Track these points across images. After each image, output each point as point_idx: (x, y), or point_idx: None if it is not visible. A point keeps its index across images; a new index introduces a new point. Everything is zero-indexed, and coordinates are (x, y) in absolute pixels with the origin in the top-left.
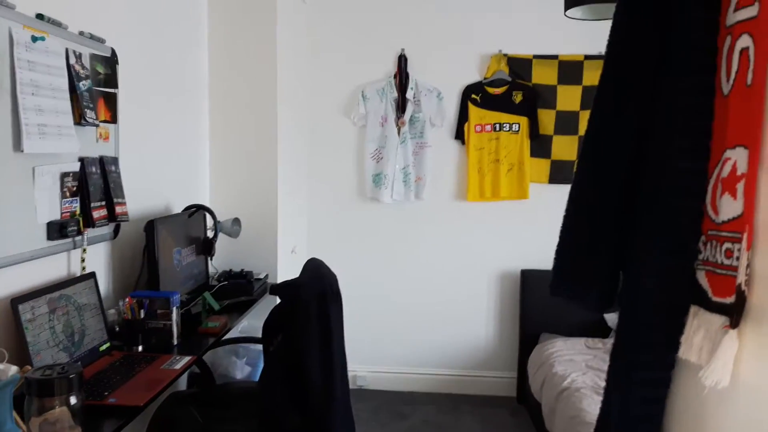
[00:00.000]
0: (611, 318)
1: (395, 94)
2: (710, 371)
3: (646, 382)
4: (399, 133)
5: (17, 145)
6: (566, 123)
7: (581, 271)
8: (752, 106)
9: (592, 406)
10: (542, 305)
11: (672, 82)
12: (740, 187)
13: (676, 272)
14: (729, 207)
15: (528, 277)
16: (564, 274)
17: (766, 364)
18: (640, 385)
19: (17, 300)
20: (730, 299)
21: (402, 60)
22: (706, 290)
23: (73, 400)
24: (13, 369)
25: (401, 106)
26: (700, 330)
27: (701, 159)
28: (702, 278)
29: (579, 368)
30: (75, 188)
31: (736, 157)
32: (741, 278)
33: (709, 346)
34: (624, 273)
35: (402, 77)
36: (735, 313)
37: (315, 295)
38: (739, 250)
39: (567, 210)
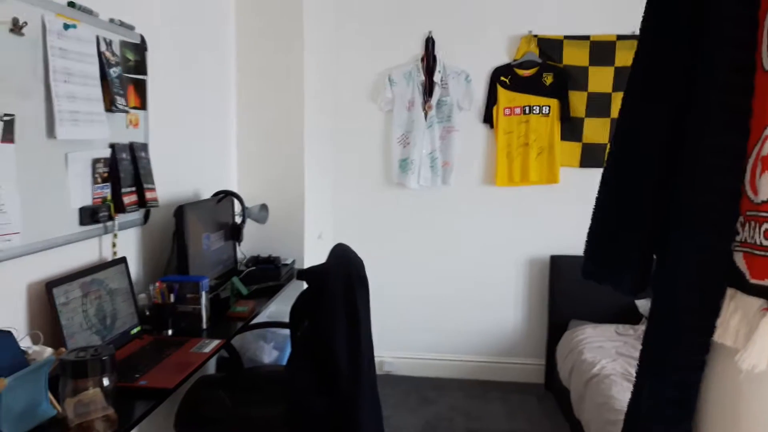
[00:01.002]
0: (642, 304)
1: (422, 78)
2: (747, 355)
3: (680, 366)
4: (426, 117)
5: (50, 131)
6: (598, 105)
7: (614, 255)
8: None
9: (621, 393)
10: (572, 291)
11: (710, 58)
12: None
13: (712, 254)
14: None
15: (557, 263)
16: (596, 257)
17: None
18: (673, 369)
19: (52, 284)
20: None
21: (429, 42)
22: (743, 272)
23: (105, 381)
24: (48, 351)
25: (428, 89)
26: (737, 313)
27: (740, 137)
28: (739, 260)
29: (609, 355)
30: (106, 174)
31: None
32: None
33: (746, 330)
34: (658, 256)
35: (429, 60)
36: None
37: (341, 280)
38: None
39: (599, 193)
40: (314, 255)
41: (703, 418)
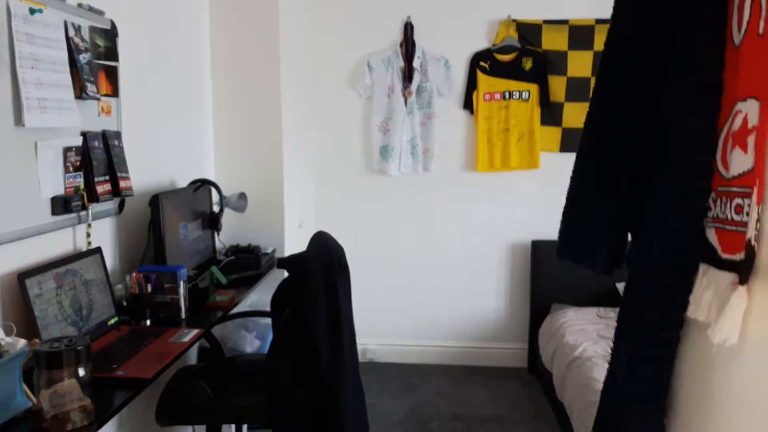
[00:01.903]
0: (623, 287)
1: (402, 64)
2: (718, 328)
3: (654, 343)
4: (406, 103)
5: (18, 119)
6: (577, 89)
7: (588, 234)
8: (764, 56)
9: (602, 375)
10: (553, 276)
11: (681, 36)
12: (751, 140)
13: (685, 230)
14: (739, 161)
15: (539, 247)
16: (571, 236)
17: None
18: (647, 346)
19: (24, 275)
20: (739, 255)
21: (408, 28)
22: (715, 248)
23: (81, 371)
24: (22, 342)
25: (408, 75)
26: (709, 288)
27: (711, 114)
28: (711, 236)
29: (590, 337)
30: (78, 163)
31: (747, 110)
32: (751, 233)
33: (717, 304)
34: (632, 233)
35: (408, 46)
36: (744, 270)
37: (322, 267)
38: (749, 205)
39: (573, 172)
40: (295, 243)
41: (677, 393)
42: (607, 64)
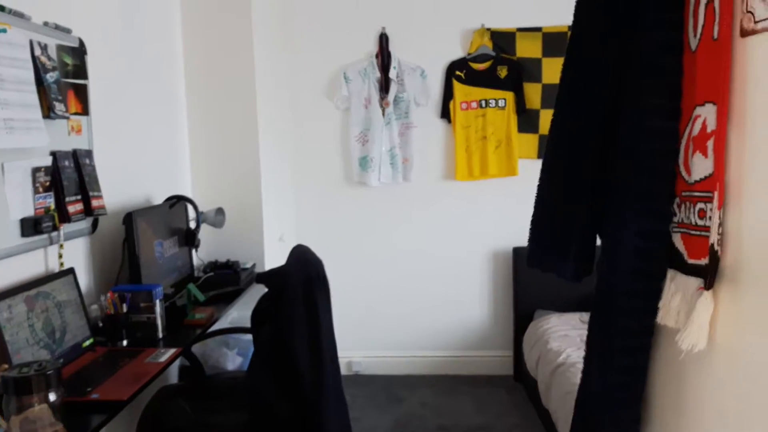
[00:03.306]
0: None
1: (378, 74)
2: (686, 334)
3: (626, 349)
4: (384, 114)
5: None
6: (553, 96)
7: (556, 241)
8: (719, 59)
9: None
10: (536, 282)
11: (639, 41)
12: (710, 144)
13: (651, 236)
14: (700, 166)
15: (520, 254)
16: (540, 244)
17: (742, 325)
18: (619, 354)
19: None
20: (704, 260)
21: (383, 38)
22: (682, 253)
23: (52, 396)
24: None
25: (385, 86)
26: (677, 294)
27: (672, 119)
28: (678, 241)
29: (574, 343)
30: (48, 183)
31: (706, 114)
32: (713, 238)
33: (685, 310)
34: (602, 240)
35: (384, 56)
36: (709, 274)
37: (301, 281)
38: (711, 209)
39: (540, 180)
40: (276, 258)
41: (651, 400)
42: (569, 71)
